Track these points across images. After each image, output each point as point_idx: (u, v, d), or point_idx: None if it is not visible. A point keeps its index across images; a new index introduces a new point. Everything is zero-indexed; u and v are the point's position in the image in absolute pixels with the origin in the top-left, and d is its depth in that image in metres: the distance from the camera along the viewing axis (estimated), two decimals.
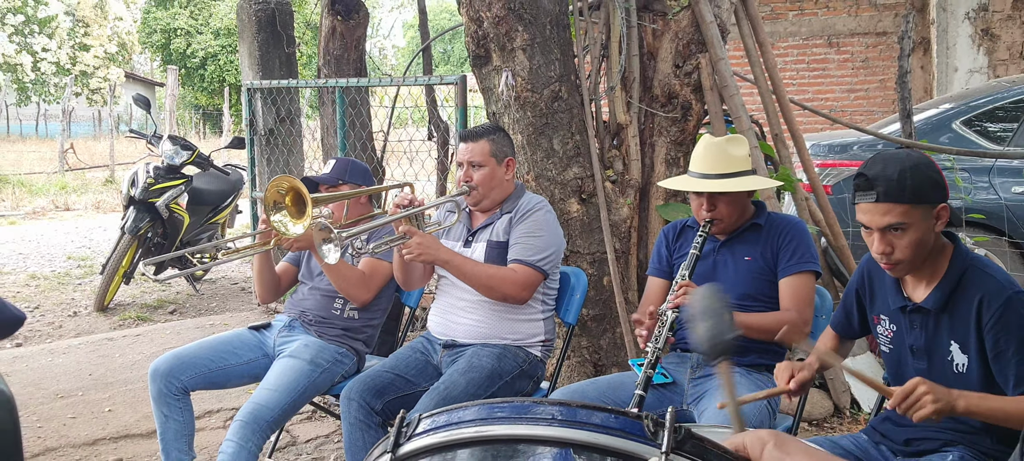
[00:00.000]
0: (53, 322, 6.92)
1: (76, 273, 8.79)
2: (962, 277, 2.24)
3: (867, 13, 10.73)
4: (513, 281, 3.15)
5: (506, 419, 1.13)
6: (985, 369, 2.20)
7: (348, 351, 3.48)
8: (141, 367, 5.37)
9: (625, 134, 4.29)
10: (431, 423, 1.18)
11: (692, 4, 4.24)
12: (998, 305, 2.15)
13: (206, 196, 7.29)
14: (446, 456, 1.13)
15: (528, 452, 1.09)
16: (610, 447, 1.08)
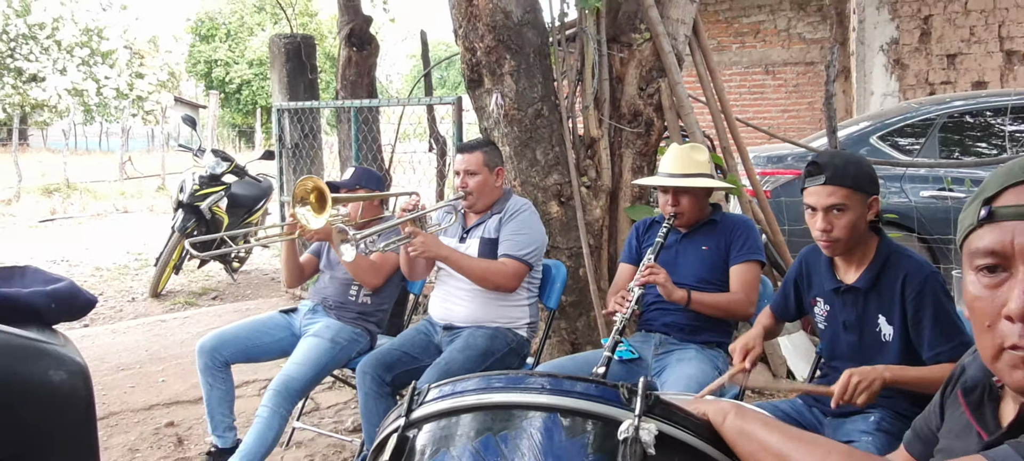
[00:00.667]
0: (115, 306, 6.92)
1: (133, 266, 8.79)
2: (887, 260, 2.25)
3: (798, 46, 10.78)
4: (503, 273, 3.14)
5: (502, 388, 1.13)
6: (907, 339, 2.21)
7: (362, 332, 3.47)
8: (189, 344, 5.36)
9: (597, 146, 4.28)
10: (438, 392, 1.18)
11: (653, 37, 4.24)
12: (919, 281, 2.17)
13: (242, 200, 7.29)
14: (451, 420, 1.13)
15: (521, 416, 1.09)
16: (591, 411, 1.08)
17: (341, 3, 6.24)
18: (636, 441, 1.03)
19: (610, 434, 1.05)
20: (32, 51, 24.92)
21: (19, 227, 11.95)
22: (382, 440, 1.21)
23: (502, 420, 1.09)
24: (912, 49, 8.19)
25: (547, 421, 1.08)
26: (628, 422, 1.05)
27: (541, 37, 4.19)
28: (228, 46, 29.46)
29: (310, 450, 3.72)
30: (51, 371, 1.17)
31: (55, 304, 1.32)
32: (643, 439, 1.03)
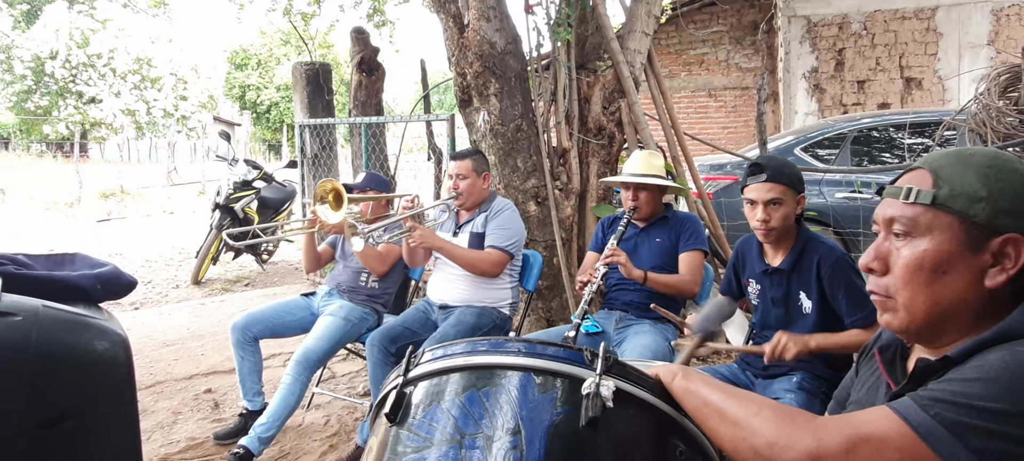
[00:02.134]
0: (161, 292, 6.85)
1: (177, 258, 8.71)
2: (805, 246, 2.28)
3: (735, 74, 10.84)
4: (489, 260, 3.13)
5: (485, 352, 1.11)
6: (823, 310, 2.24)
7: (371, 311, 3.45)
8: (224, 323, 5.31)
9: (568, 156, 4.28)
10: (431, 355, 1.16)
11: (614, 64, 4.24)
12: (831, 262, 2.20)
13: (270, 202, 7.24)
14: (442, 378, 1.12)
15: (501, 375, 1.08)
16: (559, 371, 1.07)
17: (353, 35, 6.21)
18: (597, 395, 1.02)
19: (575, 390, 1.04)
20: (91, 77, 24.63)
21: (80, 225, 11.84)
22: (384, 396, 1.19)
23: (485, 378, 1.08)
24: (829, 76, 8.25)
25: (522, 379, 1.06)
26: (591, 380, 1.04)
27: (521, 64, 4.18)
28: (259, 73, 29.29)
29: (327, 412, 3.70)
30: (96, 342, 1.14)
31: (100, 285, 1.28)
32: (603, 394, 1.03)
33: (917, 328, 1.02)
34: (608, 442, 1.01)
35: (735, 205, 5.45)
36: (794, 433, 0.90)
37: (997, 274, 0.96)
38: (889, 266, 1.03)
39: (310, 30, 8.14)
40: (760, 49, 10.54)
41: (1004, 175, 0.97)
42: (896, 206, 1.02)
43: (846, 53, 8.18)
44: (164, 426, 3.57)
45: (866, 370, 1.22)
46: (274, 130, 29.03)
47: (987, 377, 0.85)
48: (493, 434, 1.01)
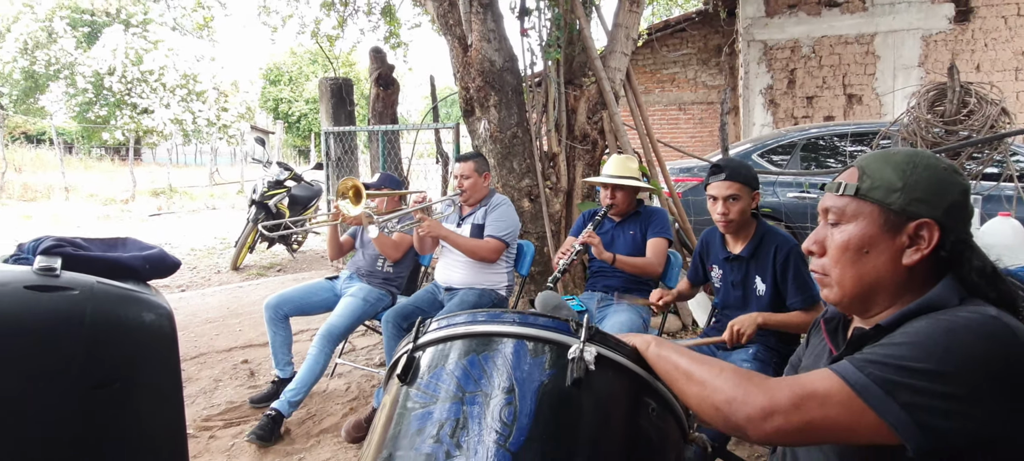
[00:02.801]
0: (205, 276, 6.81)
1: (219, 247, 8.66)
2: (763, 237, 2.27)
3: (702, 90, 10.82)
4: (488, 248, 3.12)
5: (484, 322, 1.10)
6: (775, 293, 2.23)
7: (386, 293, 3.43)
8: (260, 304, 5.24)
9: (557, 159, 4.27)
10: (437, 325, 1.15)
11: (597, 80, 4.23)
12: (785, 252, 2.19)
13: (299, 199, 7.21)
14: (446, 345, 1.11)
15: (498, 342, 1.06)
16: (548, 338, 1.06)
17: (372, 55, 6.17)
18: (581, 359, 1.01)
19: (562, 355, 1.03)
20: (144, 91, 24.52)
21: (134, 219, 11.77)
22: (396, 360, 1.18)
23: (484, 345, 1.07)
24: (782, 92, 8.24)
25: (516, 345, 1.05)
26: (576, 346, 1.03)
27: (517, 80, 4.16)
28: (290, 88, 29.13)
29: (348, 380, 3.68)
30: (143, 314, 1.13)
31: (148, 265, 1.27)
32: (586, 358, 1.02)
33: (848, 300, 1.03)
34: (590, 400, 1.00)
35: (701, 203, 5.45)
36: (750, 391, 0.90)
37: (913, 253, 0.98)
38: (825, 249, 1.05)
39: (334, 50, 8.09)
40: (723, 69, 10.53)
41: (919, 169, 0.98)
42: (830, 198, 1.05)
43: (797, 73, 8.17)
44: (206, 391, 3.56)
45: (814, 340, 1.22)
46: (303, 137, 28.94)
47: (913, 342, 0.86)
48: (490, 392, 1.00)
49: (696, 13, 10.23)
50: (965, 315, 0.88)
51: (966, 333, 0.84)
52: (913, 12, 7.63)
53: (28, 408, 0.98)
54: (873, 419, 0.84)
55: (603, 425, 1.00)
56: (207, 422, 3.17)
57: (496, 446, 0.93)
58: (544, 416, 0.97)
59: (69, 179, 14.92)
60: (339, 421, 3.16)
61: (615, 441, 0.99)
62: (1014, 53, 7.35)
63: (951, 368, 0.82)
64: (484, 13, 4.00)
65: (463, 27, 4.11)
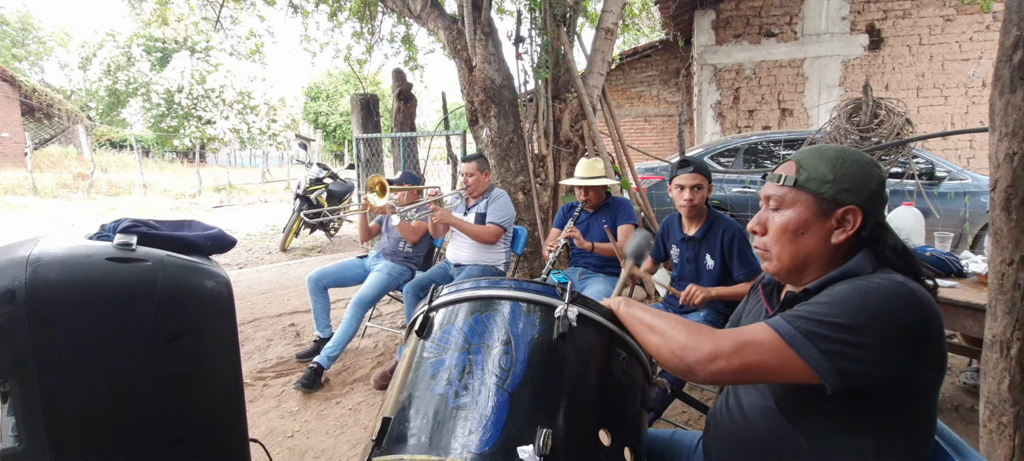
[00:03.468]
0: (258, 256, 6.77)
1: (270, 233, 8.60)
2: (713, 222, 2.26)
3: (663, 105, 10.77)
4: (490, 233, 3.10)
5: (486, 287, 1.09)
6: (722, 268, 2.22)
7: (406, 269, 3.40)
8: (304, 278, 5.26)
9: (546, 161, 4.24)
10: (446, 291, 1.14)
11: (578, 95, 4.20)
12: (731, 234, 2.18)
13: (335, 193, 7.17)
14: (455, 306, 1.09)
15: (497, 304, 1.05)
16: (538, 300, 1.04)
17: (394, 75, 6.11)
18: (565, 318, 1.00)
19: (549, 314, 1.02)
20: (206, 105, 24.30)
21: (200, 210, 11.69)
22: (414, 319, 1.17)
23: (486, 306, 1.05)
24: (728, 107, 8.21)
25: (512, 306, 1.04)
26: (561, 307, 1.02)
27: (513, 95, 4.13)
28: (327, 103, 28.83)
29: (376, 339, 3.67)
30: (205, 281, 1.10)
31: (209, 242, 1.25)
32: (569, 316, 1.01)
33: (785, 271, 1.03)
34: (573, 350, 0.99)
35: (662, 195, 5.43)
36: (699, 340, 0.90)
37: (840, 234, 0.97)
38: (767, 229, 1.04)
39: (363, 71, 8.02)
40: (681, 88, 10.48)
41: (847, 164, 0.97)
42: (772, 187, 1.03)
43: (741, 91, 8.14)
44: (260, 349, 3.54)
45: (752, 301, 1.21)
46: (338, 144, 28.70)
47: (834, 301, 0.86)
48: (491, 344, 0.99)
49: (659, 42, 10.17)
50: (877, 280, 0.87)
51: (876, 294, 0.84)
52: (835, 41, 7.59)
53: (112, 358, 0.97)
54: (799, 363, 0.84)
55: (583, 370, 0.99)
56: (261, 374, 3.16)
57: (496, 387, 0.92)
58: (535, 363, 0.96)
59: (146, 178, 14.81)
60: (369, 372, 3.16)
61: (592, 383, 0.99)
62: (916, 75, 7.33)
63: (863, 322, 0.82)
64: (486, 40, 3.95)
65: (469, 52, 4.07)
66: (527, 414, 0.89)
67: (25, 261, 0.90)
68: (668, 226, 2.50)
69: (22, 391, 0.89)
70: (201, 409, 1.06)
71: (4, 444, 0.88)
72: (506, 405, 0.89)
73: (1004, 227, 1.32)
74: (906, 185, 4.16)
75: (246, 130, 25.45)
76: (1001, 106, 1.28)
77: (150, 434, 0.98)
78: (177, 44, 25.14)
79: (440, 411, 0.91)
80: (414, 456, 0.87)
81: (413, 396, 0.96)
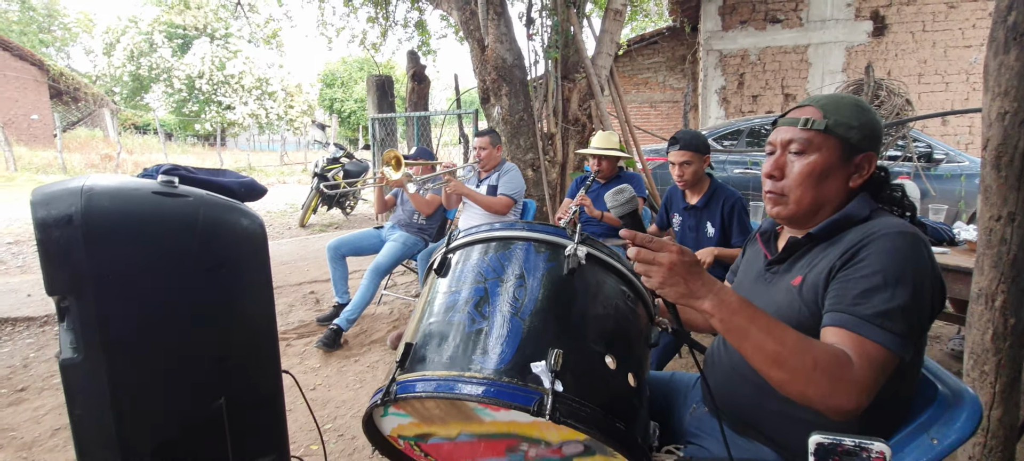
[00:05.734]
0: (278, 231, 6.86)
1: (289, 211, 8.67)
2: (714, 191, 2.27)
3: (669, 92, 10.68)
4: (501, 204, 3.12)
5: (499, 229, 1.12)
6: (722, 234, 2.24)
7: (420, 239, 3.45)
8: (321, 251, 5.32)
9: (554, 139, 4.25)
10: (462, 235, 1.17)
11: (587, 75, 4.19)
12: (731, 203, 2.20)
13: (351, 172, 7.21)
14: (472, 247, 1.12)
15: (512, 243, 1.08)
16: (549, 240, 1.08)
17: (408, 56, 6.12)
18: (575, 255, 1.04)
19: (560, 252, 1.06)
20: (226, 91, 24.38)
21: None
22: (432, 261, 1.21)
23: (501, 246, 1.09)
24: (733, 92, 8.13)
25: (525, 246, 1.07)
26: (571, 246, 1.05)
27: (523, 74, 4.13)
28: (342, 90, 28.76)
29: (391, 306, 3.74)
30: (242, 219, 1.15)
31: (243, 188, 1.29)
32: (578, 255, 1.04)
33: (802, 215, 1.01)
34: (581, 285, 1.03)
35: (667, 175, 5.43)
36: (841, 389, 0.79)
37: (857, 178, 0.98)
38: (785, 174, 1.01)
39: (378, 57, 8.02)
40: (686, 74, 10.38)
41: (866, 112, 0.98)
42: (793, 132, 0.99)
43: (745, 76, 8.06)
44: (282, 314, 3.62)
45: (750, 251, 1.23)
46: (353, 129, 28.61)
47: (888, 276, 0.84)
48: (506, 278, 1.03)
49: (666, 28, 10.05)
50: (899, 236, 0.87)
51: (913, 255, 0.85)
52: (840, 28, 7.47)
53: (160, 282, 1.02)
54: (894, 359, 0.82)
55: (591, 303, 1.03)
56: (284, 335, 3.24)
57: (511, 314, 0.96)
58: (546, 295, 0.99)
59: (170, 160, 14.94)
60: (384, 335, 3.22)
61: (599, 314, 1.02)
62: (917, 62, 7.21)
63: (918, 293, 0.83)
64: (498, 20, 3.95)
65: (481, 31, 4.07)
66: (539, 337, 0.93)
67: (80, 190, 0.95)
68: (671, 196, 2.52)
69: (80, 308, 0.94)
70: (241, 333, 1.11)
71: (65, 354, 0.94)
72: (520, 330, 0.93)
73: (994, 184, 1.34)
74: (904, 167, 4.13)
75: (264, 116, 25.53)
76: (994, 66, 1.29)
77: (197, 352, 1.04)
78: (197, 31, 25.16)
79: (459, 335, 0.95)
80: (436, 371, 0.92)
81: (433, 324, 1.01)
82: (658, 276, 0.86)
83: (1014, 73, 1.23)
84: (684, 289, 0.85)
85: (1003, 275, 1.36)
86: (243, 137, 26.48)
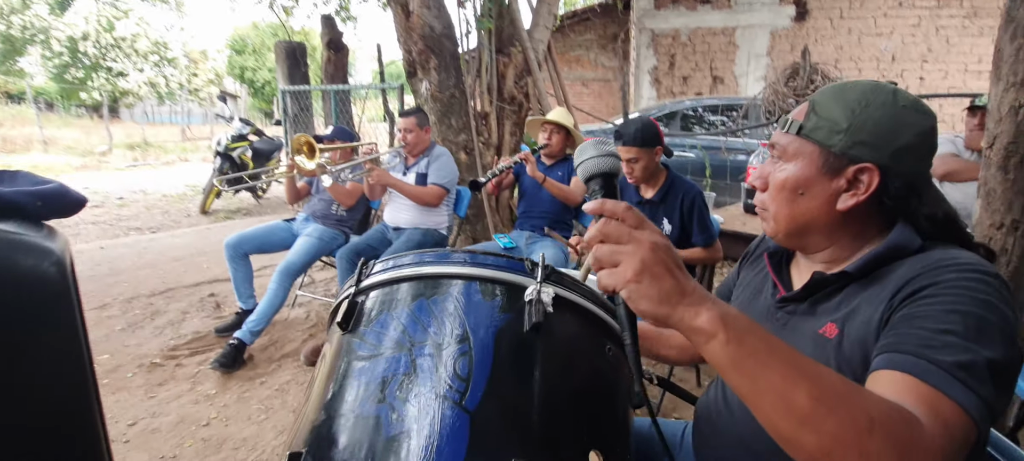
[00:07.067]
0: (175, 219, 6.01)
1: (189, 194, 7.70)
2: (671, 185, 2.07)
3: (600, 70, 10.59)
4: (432, 194, 2.78)
5: (432, 262, 0.79)
6: (680, 232, 2.06)
7: (339, 233, 3.03)
8: None
9: (489, 118, 3.92)
10: (382, 266, 0.84)
11: (523, 49, 3.87)
12: (690, 198, 2.01)
13: (261, 152, 6.45)
14: (392, 288, 0.79)
15: (447, 284, 0.77)
16: (501, 279, 0.77)
17: (323, 21, 5.47)
18: (539, 302, 0.73)
19: (517, 297, 0.75)
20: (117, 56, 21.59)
21: (111, 170, 10.37)
22: (337, 306, 0.86)
23: (432, 287, 0.77)
24: (664, 72, 8.15)
25: (467, 287, 0.76)
26: (533, 287, 0.75)
27: (454, 45, 3.73)
28: (254, 58, 26.31)
29: (308, 309, 3.29)
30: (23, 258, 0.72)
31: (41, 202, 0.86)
32: (544, 300, 0.74)
33: (783, 234, 0.81)
34: (549, 345, 0.72)
35: None
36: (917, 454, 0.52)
37: (849, 198, 0.73)
38: (767, 184, 0.81)
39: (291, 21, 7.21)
40: (618, 53, 10.32)
41: (871, 108, 0.72)
42: (778, 134, 0.80)
43: (676, 57, 8.09)
44: (174, 323, 3.07)
45: (749, 272, 0.98)
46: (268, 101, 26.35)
47: (968, 328, 0.59)
48: (442, 341, 0.70)
49: (598, 5, 9.89)
50: (983, 280, 0.62)
51: (999, 303, 0.61)
52: (765, 11, 7.64)
53: None
54: (976, 432, 0.56)
55: (563, 373, 0.73)
56: (174, 351, 2.72)
57: (452, 403, 0.64)
58: (500, 367, 0.68)
59: (47, 133, 12.93)
60: (299, 346, 2.79)
61: (576, 388, 0.73)
62: (835, 48, 7.54)
63: (1013, 355, 0.59)
64: None
65: None
66: (494, 440, 0.62)
67: None
68: (623, 187, 2.29)
69: None
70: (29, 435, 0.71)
71: None
72: (466, 429, 0.62)
73: (998, 187, 1.17)
74: None
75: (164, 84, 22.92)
76: (1011, 52, 1.10)
77: None
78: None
79: (372, 442, 0.62)
80: None
81: (333, 419, 0.67)
82: (631, 265, 0.56)
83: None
84: (671, 287, 0.55)
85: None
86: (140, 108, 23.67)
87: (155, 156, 12.59)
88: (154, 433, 2.02)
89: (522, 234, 2.77)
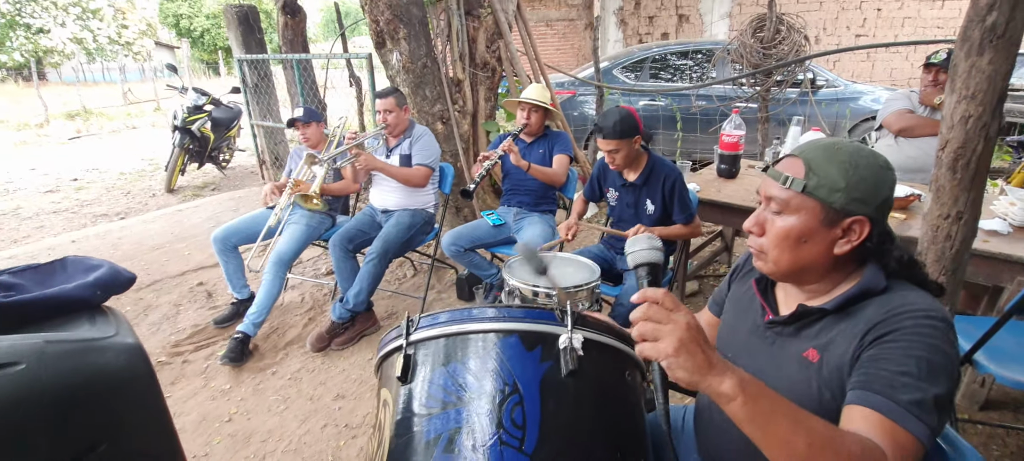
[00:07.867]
0: (141, 201, 5.78)
1: (148, 169, 7.34)
2: (653, 167, 2.18)
3: (565, 9, 10.33)
4: (420, 175, 2.82)
5: (470, 319, 0.90)
6: (662, 212, 2.20)
7: (326, 216, 3.05)
8: (202, 226, 4.59)
9: (462, 85, 3.88)
10: (428, 322, 0.94)
11: (493, 12, 3.80)
12: (672, 180, 2.14)
13: (221, 121, 6.18)
14: (439, 341, 0.90)
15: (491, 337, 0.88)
16: (538, 331, 0.89)
17: None
18: (572, 349, 0.87)
19: (552, 345, 0.88)
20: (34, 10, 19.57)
21: (53, 144, 9.69)
22: (386, 354, 0.97)
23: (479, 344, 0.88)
24: (630, 13, 8.06)
25: (509, 341, 0.87)
26: (565, 336, 0.88)
27: (422, 12, 3.62)
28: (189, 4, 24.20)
29: (301, 291, 3.35)
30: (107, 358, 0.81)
31: (99, 290, 0.93)
32: (575, 345, 0.87)
33: (781, 275, 0.95)
34: (585, 385, 0.87)
35: (571, 112, 5.32)
36: None
37: (843, 244, 0.89)
38: (764, 230, 0.93)
39: None
40: None
41: (861, 170, 0.87)
42: (776, 188, 0.91)
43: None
44: (169, 317, 3.10)
45: (738, 288, 1.13)
46: (210, 52, 24.58)
47: (921, 368, 0.77)
48: (495, 392, 0.83)
49: None
50: (929, 323, 0.80)
51: (945, 345, 0.79)
52: None
53: None
54: (923, 455, 0.76)
55: (597, 406, 0.88)
56: (177, 347, 2.78)
57: (514, 451, 0.78)
58: (548, 411, 0.82)
59: None
60: (301, 332, 2.89)
61: (610, 419, 0.88)
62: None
63: (948, 383, 0.77)
64: None
65: None
66: None
67: None
68: (603, 169, 2.40)
69: None
70: None
71: None
72: None
73: (947, 185, 1.35)
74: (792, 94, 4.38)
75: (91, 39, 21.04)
76: (965, 68, 1.25)
77: None
78: None
79: None
80: None
81: None
82: (670, 343, 0.71)
83: (985, 76, 1.20)
84: (702, 361, 0.71)
85: (945, 269, 1.42)
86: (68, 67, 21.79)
87: (98, 125, 11.80)
88: (181, 433, 2.11)
89: (509, 210, 2.87)
